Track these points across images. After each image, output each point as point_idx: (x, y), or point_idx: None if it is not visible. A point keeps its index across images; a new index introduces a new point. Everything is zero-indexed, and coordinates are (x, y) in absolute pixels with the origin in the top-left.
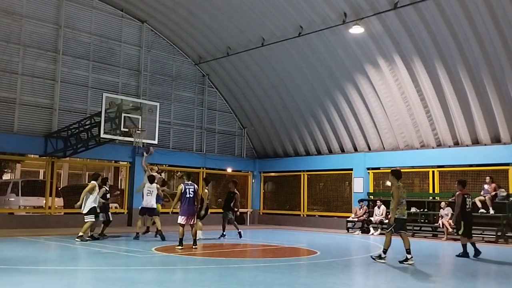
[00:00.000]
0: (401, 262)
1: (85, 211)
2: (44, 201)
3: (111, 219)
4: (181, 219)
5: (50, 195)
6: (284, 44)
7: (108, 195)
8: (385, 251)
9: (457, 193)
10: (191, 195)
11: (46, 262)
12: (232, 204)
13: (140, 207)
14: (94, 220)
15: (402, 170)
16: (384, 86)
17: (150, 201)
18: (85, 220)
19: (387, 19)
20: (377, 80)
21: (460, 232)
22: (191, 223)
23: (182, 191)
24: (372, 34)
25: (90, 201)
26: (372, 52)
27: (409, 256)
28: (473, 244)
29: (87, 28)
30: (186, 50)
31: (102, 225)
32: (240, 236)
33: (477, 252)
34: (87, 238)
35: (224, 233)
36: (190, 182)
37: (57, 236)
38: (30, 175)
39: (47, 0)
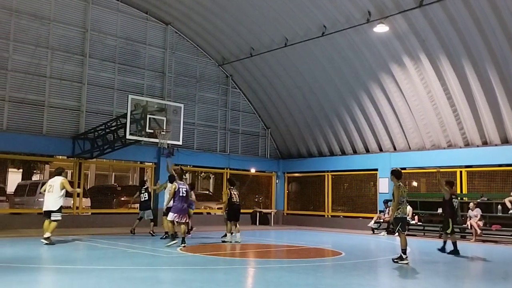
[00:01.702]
0: (395, 261)
1: (56, 208)
2: (72, 202)
3: (145, 217)
4: (172, 216)
5: (78, 196)
6: (308, 44)
7: (146, 195)
8: (404, 251)
9: (447, 194)
10: (183, 194)
11: (74, 261)
12: None
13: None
14: (61, 219)
15: (429, 171)
16: (410, 85)
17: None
18: (54, 219)
19: (413, 17)
20: (403, 79)
21: (448, 231)
22: (182, 221)
23: (176, 190)
24: (397, 33)
25: (62, 199)
26: (397, 51)
27: (404, 256)
28: (445, 242)
29: (112, 31)
30: (210, 52)
31: (137, 221)
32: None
33: (443, 250)
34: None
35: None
36: (183, 182)
37: (84, 235)
38: None
39: (74, 5)
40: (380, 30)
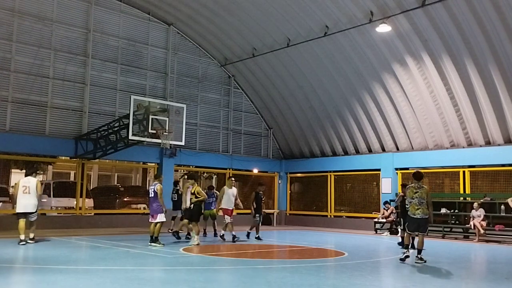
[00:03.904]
0: (417, 261)
1: (34, 210)
2: (75, 202)
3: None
4: (150, 219)
5: (81, 196)
6: (310, 44)
7: (176, 196)
8: (404, 245)
9: (400, 194)
10: (152, 195)
11: (78, 261)
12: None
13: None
14: (37, 218)
15: (432, 171)
16: (413, 85)
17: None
18: (34, 219)
19: (415, 17)
20: (405, 79)
21: (401, 228)
22: (153, 220)
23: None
24: (399, 33)
25: (38, 199)
26: (399, 51)
27: (404, 251)
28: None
29: (115, 31)
30: (212, 52)
31: (173, 221)
32: (248, 237)
33: (412, 246)
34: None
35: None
36: (154, 183)
37: (87, 236)
38: (61, 176)
39: (77, 6)
40: (383, 30)
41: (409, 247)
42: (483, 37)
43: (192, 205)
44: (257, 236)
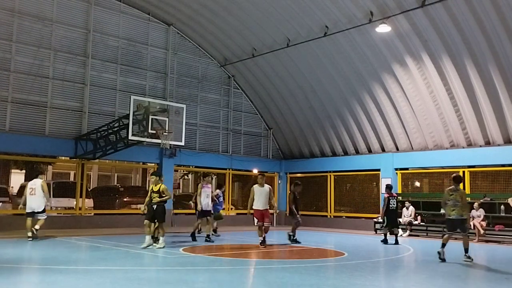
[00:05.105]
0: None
1: (41, 209)
2: (75, 202)
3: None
4: None
5: (81, 196)
6: (310, 44)
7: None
8: (465, 250)
9: (385, 195)
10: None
11: (77, 261)
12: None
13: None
14: (46, 217)
15: (431, 171)
16: (412, 85)
17: (208, 203)
18: (42, 218)
19: (415, 17)
20: (405, 79)
21: (384, 225)
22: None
23: None
24: (399, 33)
25: (45, 199)
26: (399, 51)
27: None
28: (396, 235)
29: (115, 32)
30: (212, 52)
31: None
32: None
33: (396, 242)
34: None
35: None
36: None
37: (87, 236)
38: (61, 177)
39: (77, 6)
40: (382, 30)
41: (443, 246)
42: (483, 37)
43: (155, 206)
44: (294, 238)
